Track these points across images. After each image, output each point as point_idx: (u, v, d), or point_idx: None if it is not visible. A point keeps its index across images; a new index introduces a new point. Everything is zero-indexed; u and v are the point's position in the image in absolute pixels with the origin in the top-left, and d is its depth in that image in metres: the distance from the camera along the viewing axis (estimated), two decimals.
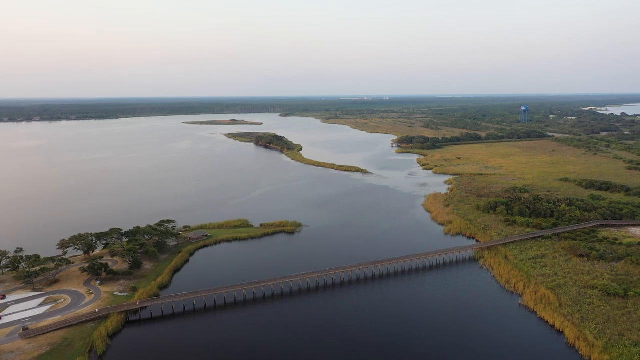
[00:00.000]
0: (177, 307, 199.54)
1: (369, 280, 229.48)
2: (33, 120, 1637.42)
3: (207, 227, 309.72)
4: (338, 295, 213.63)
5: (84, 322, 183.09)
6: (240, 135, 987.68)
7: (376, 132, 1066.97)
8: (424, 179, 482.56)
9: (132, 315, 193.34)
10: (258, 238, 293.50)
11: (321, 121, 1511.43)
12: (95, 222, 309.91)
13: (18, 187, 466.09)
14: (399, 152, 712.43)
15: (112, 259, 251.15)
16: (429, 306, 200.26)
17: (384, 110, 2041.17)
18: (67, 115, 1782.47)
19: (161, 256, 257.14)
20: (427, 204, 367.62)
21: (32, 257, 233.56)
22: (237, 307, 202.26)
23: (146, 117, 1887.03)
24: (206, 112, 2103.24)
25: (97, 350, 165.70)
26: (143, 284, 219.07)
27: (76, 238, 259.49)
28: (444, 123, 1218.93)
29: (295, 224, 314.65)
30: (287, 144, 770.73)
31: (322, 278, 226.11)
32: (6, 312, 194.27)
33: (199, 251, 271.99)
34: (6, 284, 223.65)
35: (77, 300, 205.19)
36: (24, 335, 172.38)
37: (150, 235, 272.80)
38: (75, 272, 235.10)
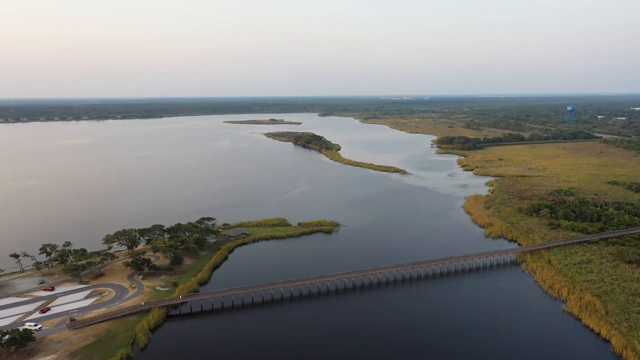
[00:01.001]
0: (216, 303, 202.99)
1: (406, 282, 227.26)
2: (82, 119, 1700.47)
3: (245, 225, 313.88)
4: (375, 296, 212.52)
5: (126, 315, 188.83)
6: (279, 135, 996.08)
7: (415, 132, 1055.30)
8: (464, 180, 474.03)
9: (173, 310, 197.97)
10: (296, 237, 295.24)
11: (360, 121, 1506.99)
12: (139, 218, 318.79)
13: (67, 183, 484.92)
14: (439, 153, 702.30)
15: (154, 254, 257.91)
16: (468, 309, 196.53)
17: (424, 110, 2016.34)
18: (113, 114, 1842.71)
19: (201, 253, 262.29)
20: (467, 206, 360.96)
21: (80, 251, 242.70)
22: (274, 305, 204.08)
23: (188, 116, 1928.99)
24: (246, 111, 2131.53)
25: (139, 342, 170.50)
26: (183, 280, 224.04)
27: (120, 233, 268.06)
28: (485, 123, 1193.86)
29: (332, 223, 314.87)
30: (325, 143, 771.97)
31: (359, 278, 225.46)
32: (55, 303, 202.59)
33: (237, 248, 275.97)
34: (55, 276, 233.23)
35: (121, 293, 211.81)
36: (70, 326, 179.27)
37: (190, 232, 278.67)
38: (119, 266, 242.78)
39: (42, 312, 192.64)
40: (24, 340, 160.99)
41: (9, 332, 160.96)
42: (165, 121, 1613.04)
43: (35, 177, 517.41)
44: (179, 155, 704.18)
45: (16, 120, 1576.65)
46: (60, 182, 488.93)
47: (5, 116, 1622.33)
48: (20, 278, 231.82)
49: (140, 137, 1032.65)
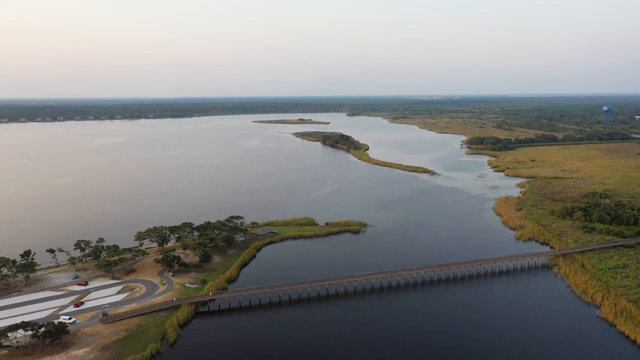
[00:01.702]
0: (244, 301, 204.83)
1: (434, 284, 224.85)
2: (115, 118, 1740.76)
3: (273, 224, 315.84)
4: (402, 297, 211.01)
5: (157, 310, 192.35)
6: (307, 134, 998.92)
7: (445, 132, 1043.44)
8: (494, 181, 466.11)
9: (202, 307, 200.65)
10: (323, 236, 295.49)
11: (388, 121, 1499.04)
12: (169, 216, 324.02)
13: (101, 181, 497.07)
14: (469, 153, 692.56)
15: (183, 251, 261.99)
16: (498, 312, 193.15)
17: (454, 110, 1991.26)
18: (145, 114, 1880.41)
19: (229, 251, 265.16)
20: (498, 207, 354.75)
21: (112, 247, 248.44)
22: (302, 304, 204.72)
23: (218, 115, 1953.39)
24: (275, 111, 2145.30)
25: (168, 338, 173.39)
26: (212, 277, 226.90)
27: (151, 231, 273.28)
28: (517, 123, 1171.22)
29: (360, 223, 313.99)
30: (353, 143, 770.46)
31: (387, 279, 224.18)
32: (88, 297, 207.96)
33: (265, 247, 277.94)
34: (88, 272, 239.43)
35: (151, 289, 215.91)
36: (103, 320, 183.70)
37: (219, 230, 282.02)
38: (150, 262, 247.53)
39: (76, 306, 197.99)
40: (59, 333, 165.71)
41: (44, 325, 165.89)
42: (195, 121, 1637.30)
43: (70, 175, 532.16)
44: (209, 155, 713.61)
45: (53, 119, 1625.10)
46: (93, 180, 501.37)
47: (43, 116, 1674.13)
48: (55, 272, 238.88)
49: (170, 136, 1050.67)
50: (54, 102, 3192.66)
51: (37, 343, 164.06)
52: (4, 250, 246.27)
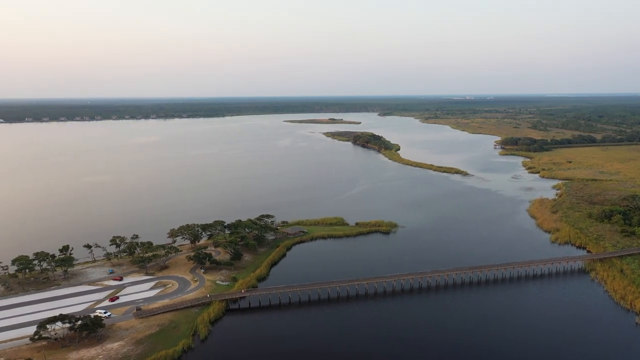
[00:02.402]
0: (273, 299, 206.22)
1: (466, 286, 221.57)
2: (150, 117, 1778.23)
3: (303, 223, 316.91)
4: (433, 299, 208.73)
5: (189, 307, 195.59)
6: (338, 134, 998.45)
7: (478, 132, 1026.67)
8: (529, 183, 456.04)
9: (232, 304, 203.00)
10: (353, 236, 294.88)
11: (420, 121, 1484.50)
12: (201, 214, 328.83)
13: (135, 179, 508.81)
14: (503, 154, 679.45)
15: (215, 249, 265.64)
16: (531, 316, 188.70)
17: (487, 110, 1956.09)
18: (179, 113, 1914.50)
19: (260, 249, 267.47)
20: (532, 210, 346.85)
21: (146, 243, 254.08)
22: (331, 304, 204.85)
23: (249, 115, 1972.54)
24: (306, 110, 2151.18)
25: (199, 334, 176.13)
26: (242, 275, 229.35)
27: (184, 228, 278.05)
28: (553, 124, 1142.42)
29: (390, 224, 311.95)
30: (384, 143, 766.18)
31: (417, 280, 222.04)
32: (123, 292, 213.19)
33: (295, 246, 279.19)
34: (123, 267, 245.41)
35: (184, 286, 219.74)
36: (137, 315, 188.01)
37: (250, 228, 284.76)
38: (182, 259, 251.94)
39: (111, 301, 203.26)
40: (95, 327, 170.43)
41: (81, 318, 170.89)
42: (227, 120, 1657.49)
43: (106, 173, 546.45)
44: (240, 154, 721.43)
45: (91, 118, 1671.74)
46: (129, 178, 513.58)
47: (82, 115, 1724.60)
48: (92, 267, 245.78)
49: (203, 135, 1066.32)
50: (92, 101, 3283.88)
51: (75, 335, 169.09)
52: (44, 244, 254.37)
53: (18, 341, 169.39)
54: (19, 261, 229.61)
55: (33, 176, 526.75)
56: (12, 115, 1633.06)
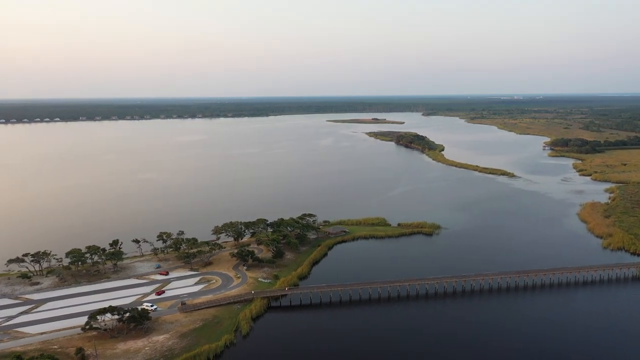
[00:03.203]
0: (314, 298, 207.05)
1: (511, 290, 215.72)
2: (197, 117, 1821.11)
3: (345, 223, 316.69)
4: (476, 303, 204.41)
5: (231, 303, 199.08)
6: (381, 134, 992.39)
7: (526, 133, 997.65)
8: (580, 186, 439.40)
9: (274, 302, 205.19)
10: (395, 237, 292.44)
11: (465, 121, 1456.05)
12: (244, 212, 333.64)
13: (182, 177, 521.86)
14: (552, 156, 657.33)
15: (257, 247, 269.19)
16: (581, 324, 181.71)
17: (536, 110, 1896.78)
18: (224, 112, 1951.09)
19: (301, 248, 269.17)
20: (583, 214, 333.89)
21: (191, 240, 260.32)
22: (372, 304, 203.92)
23: (293, 115, 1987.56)
24: (349, 110, 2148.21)
25: (241, 330, 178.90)
26: (284, 273, 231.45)
27: (228, 225, 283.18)
28: (607, 125, 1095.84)
29: (433, 225, 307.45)
30: (428, 143, 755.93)
31: (460, 283, 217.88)
32: (169, 287, 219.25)
33: (337, 246, 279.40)
34: (169, 262, 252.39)
35: (227, 282, 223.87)
36: (182, 309, 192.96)
37: (292, 227, 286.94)
38: (225, 256, 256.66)
39: (158, 295, 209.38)
40: (142, 319, 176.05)
41: (129, 310, 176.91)
42: (271, 119, 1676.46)
43: (154, 171, 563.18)
44: (283, 153, 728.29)
45: (140, 117, 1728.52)
46: (175, 176, 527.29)
47: (132, 114, 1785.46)
48: (140, 262, 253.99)
49: (247, 134, 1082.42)
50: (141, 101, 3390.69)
51: (123, 327, 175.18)
52: (95, 239, 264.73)
53: (70, 330, 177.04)
54: (72, 254, 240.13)
55: (87, 173, 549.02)
56: (68, 115, 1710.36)
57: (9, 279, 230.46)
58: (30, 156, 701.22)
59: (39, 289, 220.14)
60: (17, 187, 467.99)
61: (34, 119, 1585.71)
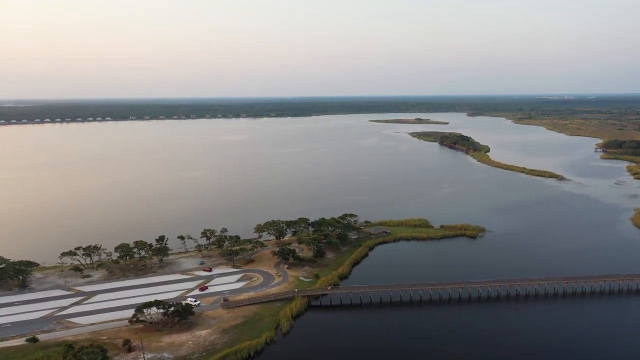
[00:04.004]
0: (355, 298, 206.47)
1: (559, 297, 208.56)
2: (240, 116, 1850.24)
3: (386, 224, 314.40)
4: (522, 308, 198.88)
5: (272, 300, 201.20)
6: (424, 134, 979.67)
7: (576, 134, 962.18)
8: (634, 190, 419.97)
9: (314, 301, 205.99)
10: (438, 239, 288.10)
11: (512, 121, 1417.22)
12: (286, 211, 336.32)
13: (225, 175, 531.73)
14: (604, 158, 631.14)
15: (299, 245, 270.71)
16: (634, 336, 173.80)
17: (588, 110, 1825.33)
18: (267, 112, 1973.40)
19: (342, 248, 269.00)
20: (638, 219, 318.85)
21: (234, 237, 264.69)
22: (413, 307, 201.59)
23: (335, 114, 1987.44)
24: (392, 110, 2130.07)
25: (282, 328, 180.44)
26: (325, 273, 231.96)
27: (270, 224, 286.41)
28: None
29: (477, 228, 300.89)
30: (473, 144, 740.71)
31: (505, 288, 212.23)
32: (212, 283, 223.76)
33: (378, 246, 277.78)
34: (213, 259, 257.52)
35: (268, 280, 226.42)
36: (224, 305, 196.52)
37: (333, 227, 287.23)
38: (267, 254, 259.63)
39: (201, 290, 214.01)
40: (186, 314, 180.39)
41: (174, 305, 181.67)
42: (313, 119, 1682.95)
43: (199, 169, 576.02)
44: (325, 152, 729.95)
45: (187, 117, 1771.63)
46: (219, 174, 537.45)
47: (178, 114, 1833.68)
48: (184, 258, 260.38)
49: (290, 134, 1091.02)
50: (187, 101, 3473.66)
51: (167, 321, 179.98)
52: (142, 234, 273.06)
53: (118, 322, 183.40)
54: (121, 248, 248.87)
55: (137, 170, 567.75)
56: (119, 114, 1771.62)
57: (62, 271, 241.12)
58: (84, 153, 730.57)
59: (89, 281, 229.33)
60: (73, 183, 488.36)
61: (87, 118, 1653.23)
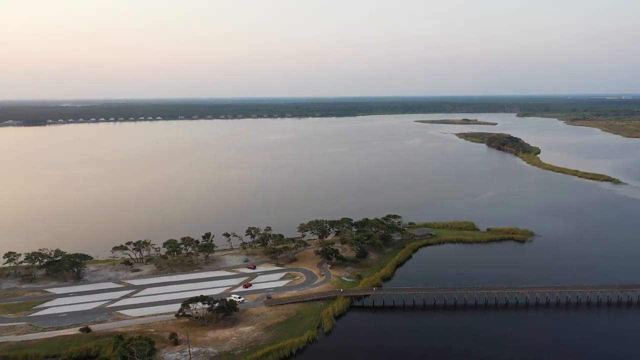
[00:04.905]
0: (397, 300, 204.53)
1: (613, 306, 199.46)
2: (286, 116, 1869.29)
3: (431, 226, 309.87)
4: (573, 317, 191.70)
5: (315, 299, 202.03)
6: (471, 135, 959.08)
7: (635, 136, 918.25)
8: None
9: (356, 301, 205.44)
10: (484, 243, 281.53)
11: (565, 122, 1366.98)
12: (329, 210, 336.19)
13: (270, 174, 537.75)
14: None
15: (342, 246, 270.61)
16: None
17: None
18: (312, 112, 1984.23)
19: (385, 249, 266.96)
20: None
21: (278, 236, 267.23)
22: (457, 310, 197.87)
23: (380, 114, 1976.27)
24: (438, 111, 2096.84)
25: (324, 327, 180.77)
26: (367, 273, 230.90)
27: (313, 223, 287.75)
28: None
29: (526, 232, 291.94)
30: (522, 145, 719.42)
31: (554, 295, 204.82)
32: (255, 280, 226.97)
33: (422, 249, 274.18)
34: (256, 257, 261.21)
35: (310, 279, 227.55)
36: (267, 303, 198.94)
37: (376, 227, 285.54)
38: (310, 253, 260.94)
39: (245, 287, 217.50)
40: (230, 310, 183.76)
41: (219, 301, 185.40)
42: (358, 119, 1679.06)
43: (245, 168, 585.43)
44: (370, 152, 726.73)
45: (233, 117, 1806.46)
46: (264, 173, 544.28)
47: (225, 113, 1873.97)
48: (229, 255, 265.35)
49: (335, 134, 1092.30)
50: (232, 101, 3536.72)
51: (212, 316, 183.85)
52: (189, 231, 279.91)
53: (165, 316, 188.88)
54: (169, 244, 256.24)
55: (186, 168, 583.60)
56: (168, 114, 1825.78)
57: (113, 264, 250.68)
58: (136, 151, 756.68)
59: (139, 275, 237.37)
60: (126, 179, 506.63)
61: (139, 118, 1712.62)
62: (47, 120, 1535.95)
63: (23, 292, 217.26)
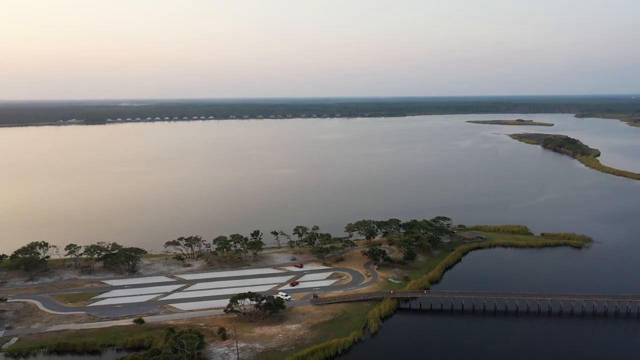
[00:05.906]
0: (445, 304, 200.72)
1: None
2: (335, 116, 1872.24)
3: (482, 229, 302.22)
4: (634, 327, 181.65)
5: (361, 300, 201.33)
6: (526, 136, 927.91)
7: None
8: None
9: (403, 303, 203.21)
10: (537, 247, 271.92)
11: (627, 123, 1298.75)
12: (377, 211, 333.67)
13: (317, 173, 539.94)
14: None
15: (389, 247, 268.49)
16: None
17: None
18: (361, 112, 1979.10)
19: (434, 251, 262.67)
20: None
21: (325, 235, 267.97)
22: (507, 317, 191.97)
23: (431, 115, 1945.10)
24: (491, 111, 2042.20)
25: (369, 328, 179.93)
26: (415, 275, 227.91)
27: (360, 224, 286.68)
28: None
29: (583, 237, 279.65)
30: (580, 147, 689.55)
31: (613, 304, 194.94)
32: (302, 279, 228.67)
33: (472, 252, 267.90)
34: (304, 255, 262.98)
35: (357, 279, 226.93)
36: (313, 302, 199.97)
37: (425, 229, 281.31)
38: (357, 254, 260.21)
39: (292, 285, 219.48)
40: (277, 307, 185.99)
41: (266, 298, 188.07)
42: (408, 120, 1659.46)
43: (294, 167, 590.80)
44: (420, 153, 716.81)
45: (283, 116, 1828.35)
46: (312, 172, 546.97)
47: (275, 113, 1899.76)
48: (277, 253, 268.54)
49: (384, 134, 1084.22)
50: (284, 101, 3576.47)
51: (259, 312, 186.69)
52: (238, 228, 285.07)
53: (214, 311, 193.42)
54: (219, 241, 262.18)
55: (236, 167, 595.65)
56: (220, 114, 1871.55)
57: (166, 259, 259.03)
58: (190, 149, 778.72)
59: (190, 270, 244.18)
60: (179, 177, 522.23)
61: (192, 117, 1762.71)
62: (107, 119, 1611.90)
63: (82, 282, 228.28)
